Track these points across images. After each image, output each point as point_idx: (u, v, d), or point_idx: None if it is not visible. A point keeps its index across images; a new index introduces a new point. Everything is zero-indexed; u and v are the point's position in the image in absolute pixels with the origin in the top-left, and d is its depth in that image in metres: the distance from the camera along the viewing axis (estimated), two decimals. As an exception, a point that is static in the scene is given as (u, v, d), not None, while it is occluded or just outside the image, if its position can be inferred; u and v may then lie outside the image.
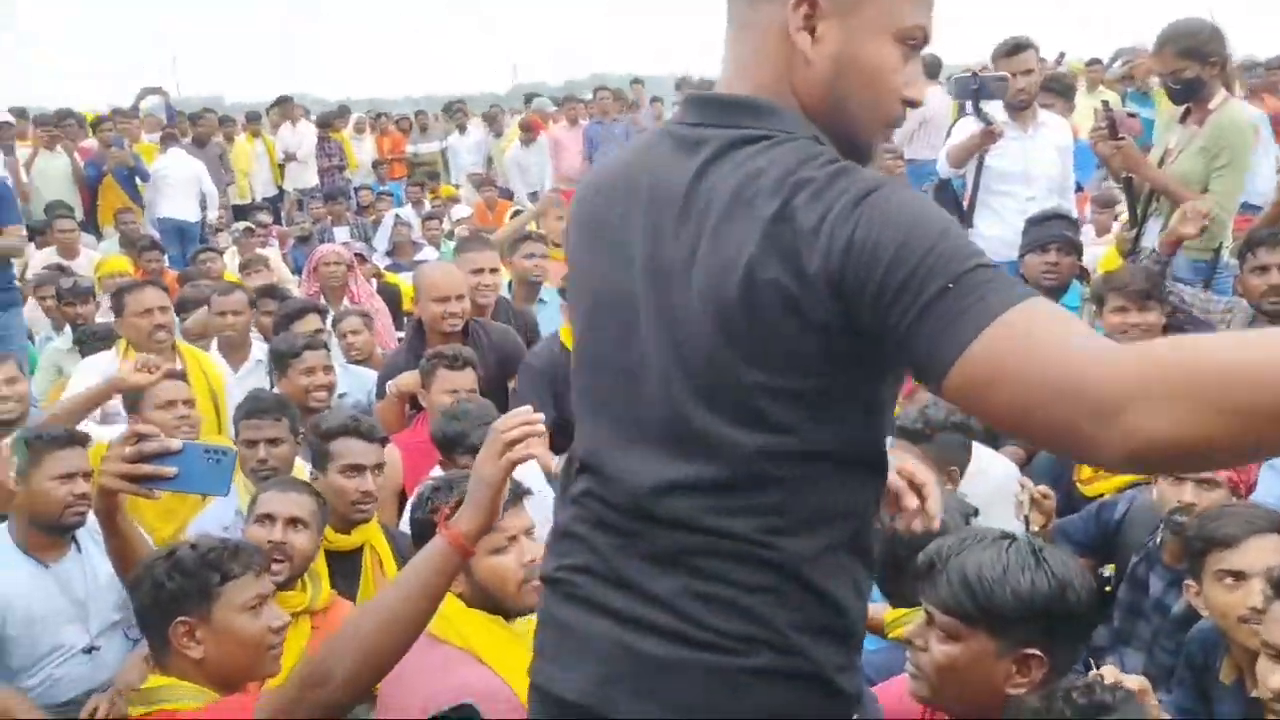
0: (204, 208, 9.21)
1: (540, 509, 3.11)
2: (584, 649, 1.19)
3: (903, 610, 1.99)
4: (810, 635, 1.14)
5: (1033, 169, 4.38)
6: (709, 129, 1.17)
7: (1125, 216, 4.53)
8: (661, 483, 1.15)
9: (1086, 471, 3.00)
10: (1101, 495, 2.87)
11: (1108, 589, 2.58)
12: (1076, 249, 3.88)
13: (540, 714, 1.27)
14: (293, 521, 2.45)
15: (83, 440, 2.73)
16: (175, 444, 1.78)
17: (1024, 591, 1.50)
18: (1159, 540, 2.49)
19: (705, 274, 1.11)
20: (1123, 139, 3.85)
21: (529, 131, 10.38)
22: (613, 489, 1.20)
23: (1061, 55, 12.69)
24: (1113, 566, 2.64)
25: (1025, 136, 4.40)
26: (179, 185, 8.90)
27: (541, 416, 1.55)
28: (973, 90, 4.26)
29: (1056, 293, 3.70)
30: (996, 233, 4.28)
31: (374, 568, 2.86)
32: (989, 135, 4.30)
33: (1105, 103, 4.19)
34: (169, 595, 1.78)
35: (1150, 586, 2.51)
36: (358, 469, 2.75)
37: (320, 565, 2.64)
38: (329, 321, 4.70)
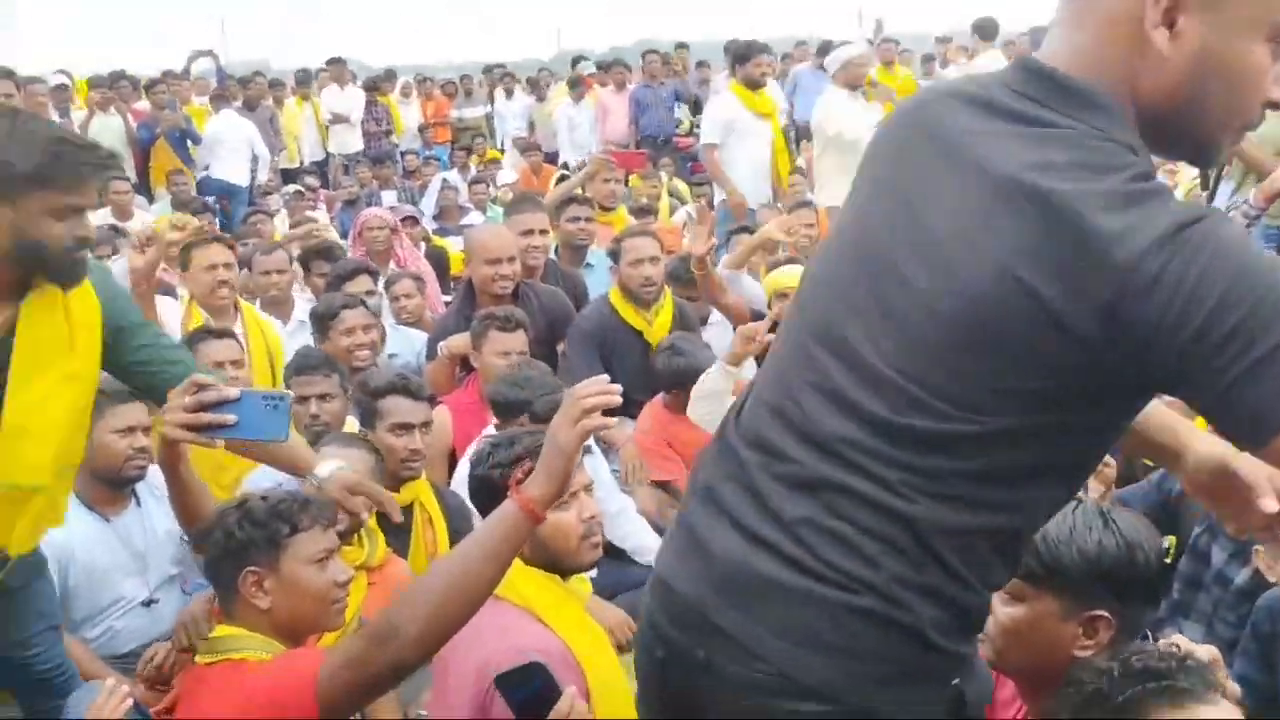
0: (254, 170, 9.30)
1: (590, 467, 3.14)
2: (707, 553, 1.22)
3: None
4: (919, 593, 1.14)
5: None
6: (1032, 104, 1.12)
7: (1183, 179, 4.42)
8: (839, 415, 1.16)
9: None
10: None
11: (1167, 560, 2.54)
12: None
13: (653, 601, 1.31)
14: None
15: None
16: (233, 392, 1.81)
17: (1091, 552, 1.48)
18: None
19: (965, 249, 1.09)
20: None
21: (578, 88, 10.34)
22: (787, 410, 1.20)
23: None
24: (1173, 539, 2.60)
25: None
26: (231, 147, 9.00)
27: (619, 388, 1.54)
28: None
29: None
30: None
31: (423, 525, 2.89)
32: None
33: None
34: (239, 545, 1.80)
35: (1212, 558, 2.47)
36: (406, 427, 2.78)
37: (375, 523, 2.68)
38: (380, 283, 4.73)
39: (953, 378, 1.10)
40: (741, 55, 6.38)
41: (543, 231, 4.27)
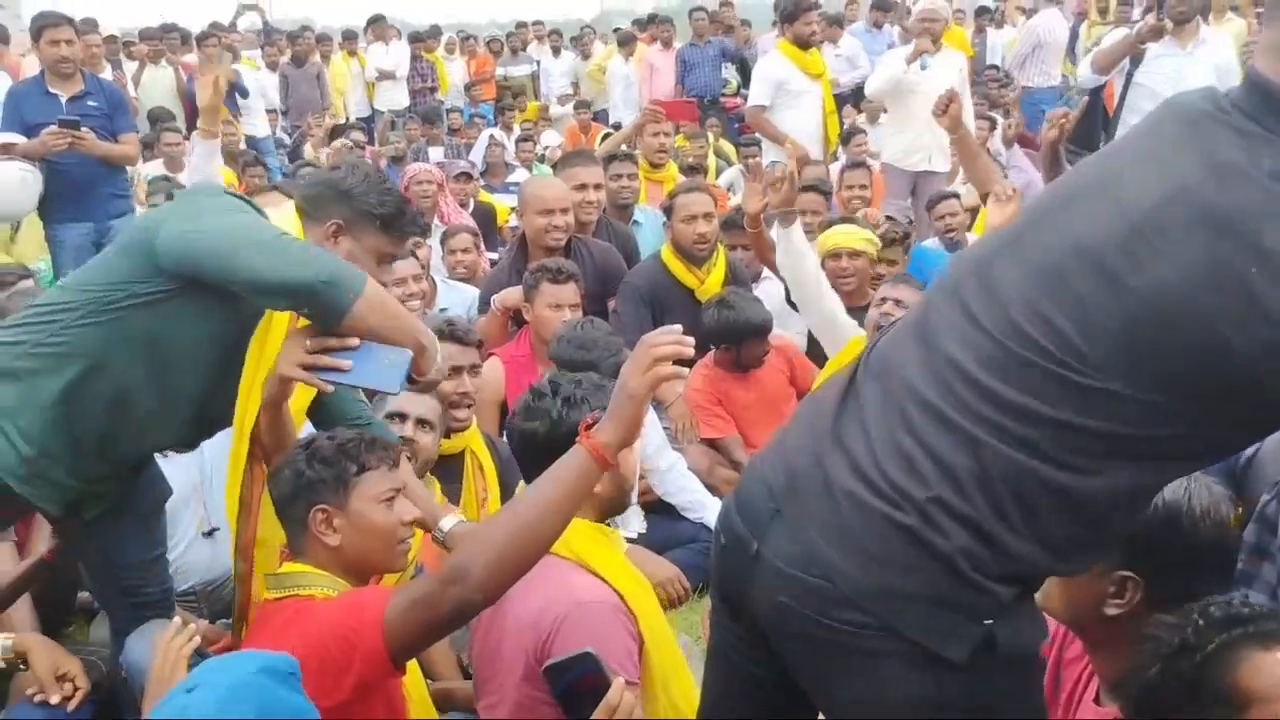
0: (274, 122, 9.34)
1: (644, 428, 3.14)
2: (785, 448, 1.32)
3: None
4: (958, 521, 1.17)
5: (1184, 90, 4.12)
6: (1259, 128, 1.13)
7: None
8: (959, 339, 1.21)
9: None
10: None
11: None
12: None
13: (743, 485, 1.39)
14: (421, 422, 2.57)
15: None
16: (354, 341, 1.83)
17: None
18: None
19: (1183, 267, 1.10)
20: None
21: (628, 44, 10.25)
22: (926, 326, 1.26)
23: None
24: (1239, 509, 2.55)
25: (1182, 54, 4.13)
26: (249, 100, 8.99)
27: (691, 340, 1.55)
28: None
29: None
30: None
31: (474, 472, 2.93)
32: (1155, 31, 4.00)
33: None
34: (308, 483, 1.82)
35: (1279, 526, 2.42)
36: (455, 370, 2.80)
37: (430, 472, 2.70)
38: (437, 238, 4.73)
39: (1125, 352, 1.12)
40: (790, 13, 6.23)
41: (597, 186, 4.25)
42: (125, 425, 2.00)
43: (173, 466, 2.70)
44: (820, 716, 1.45)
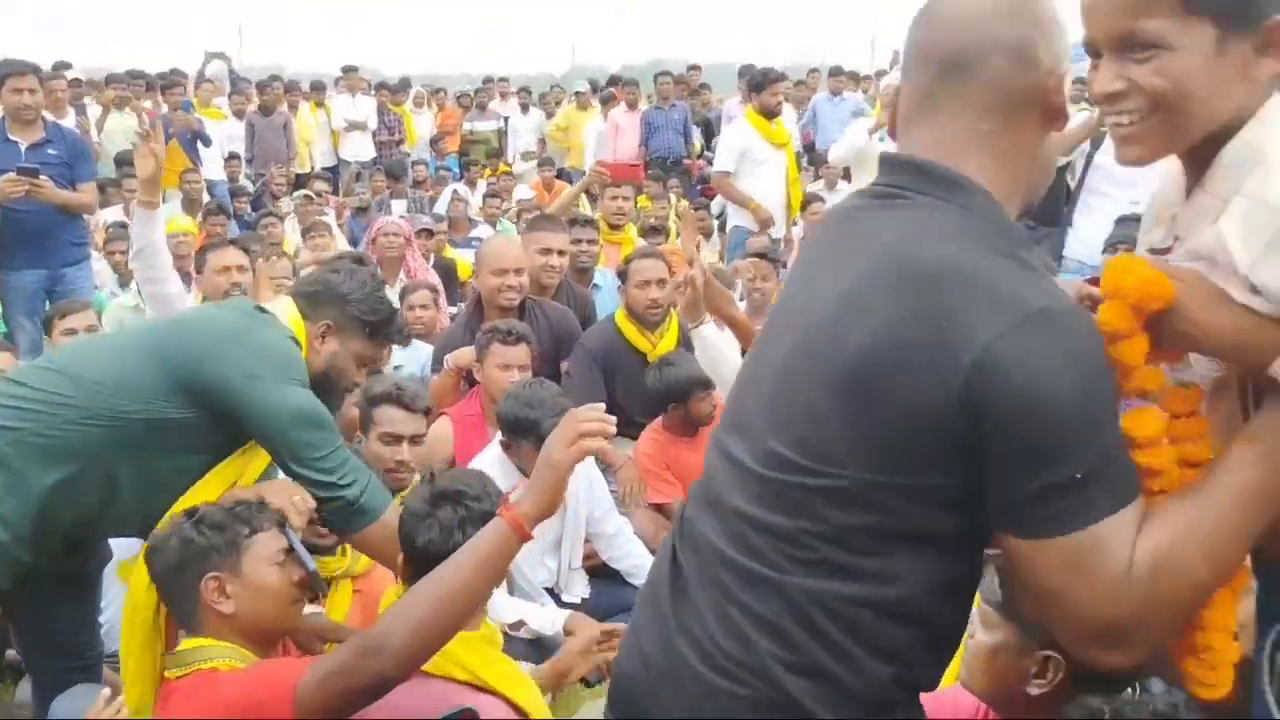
0: (235, 169, 9.35)
1: (585, 481, 3.17)
2: (650, 636, 1.26)
3: None
4: (797, 672, 1.13)
5: (1140, 174, 4.24)
6: None
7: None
8: (736, 486, 1.20)
9: None
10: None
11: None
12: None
13: (616, 676, 1.34)
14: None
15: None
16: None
17: None
18: None
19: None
20: None
21: (590, 106, 10.44)
22: (719, 505, 1.24)
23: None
24: None
25: None
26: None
27: (614, 419, 1.59)
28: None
29: None
30: (1092, 235, 4.19)
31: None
32: (1089, 127, 4.16)
33: None
34: (197, 550, 1.76)
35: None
36: (396, 438, 2.80)
37: None
38: (393, 295, 4.74)
39: (818, 429, 1.12)
40: (757, 83, 6.41)
41: (561, 251, 4.30)
42: (103, 517, 2.02)
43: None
44: None
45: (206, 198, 8.10)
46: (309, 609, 2.09)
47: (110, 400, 1.95)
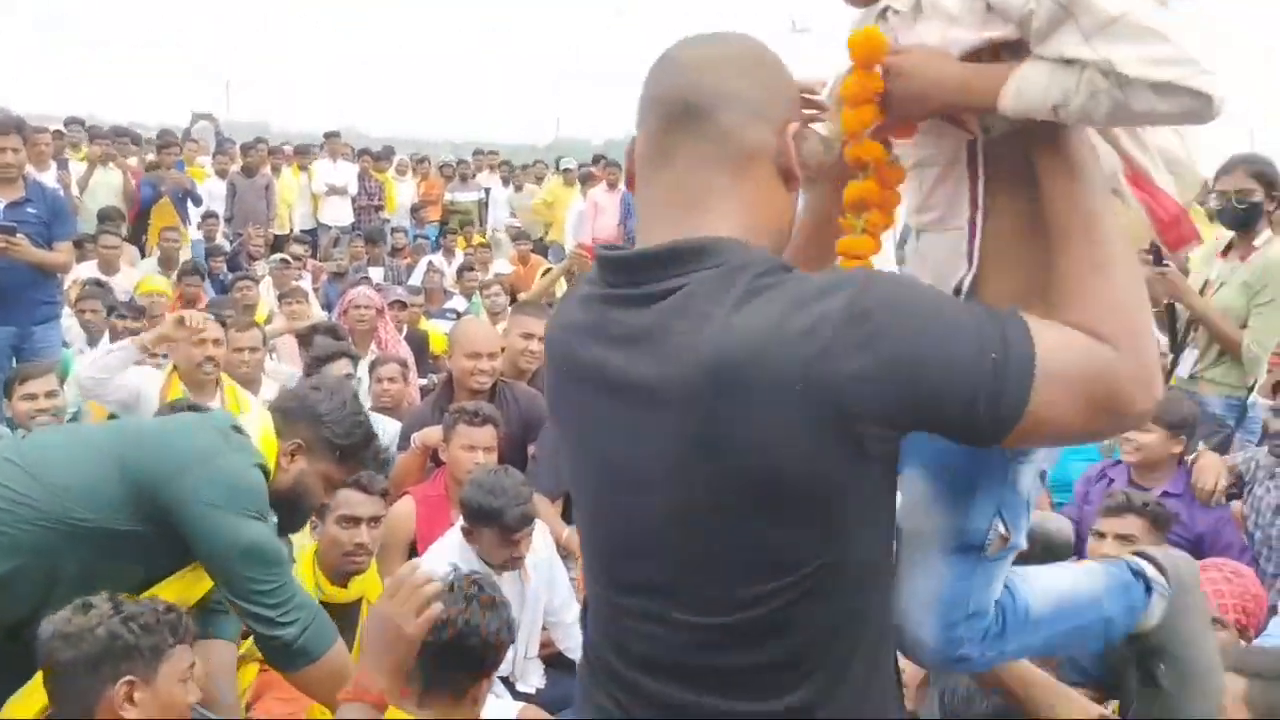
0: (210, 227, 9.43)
1: (545, 571, 3.16)
2: None
3: None
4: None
5: None
6: None
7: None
8: None
9: None
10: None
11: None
12: None
13: None
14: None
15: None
16: None
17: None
18: None
19: None
20: (1167, 265, 3.85)
21: (588, 182, 10.70)
22: None
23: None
24: (1116, 705, 2.64)
25: None
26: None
27: (438, 584, 1.72)
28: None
29: None
30: None
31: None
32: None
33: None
34: (123, 648, 1.70)
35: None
36: (354, 520, 2.79)
37: None
38: (364, 366, 4.75)
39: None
40: None
41: (542, 338, 4.33)
42: (36, 611, 1.98)
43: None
44: None
45: (185, 256, 8.12)
46: None
47: (69, 506, 1.95)
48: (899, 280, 1.06)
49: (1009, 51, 1.09)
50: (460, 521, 3.08)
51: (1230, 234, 3.90)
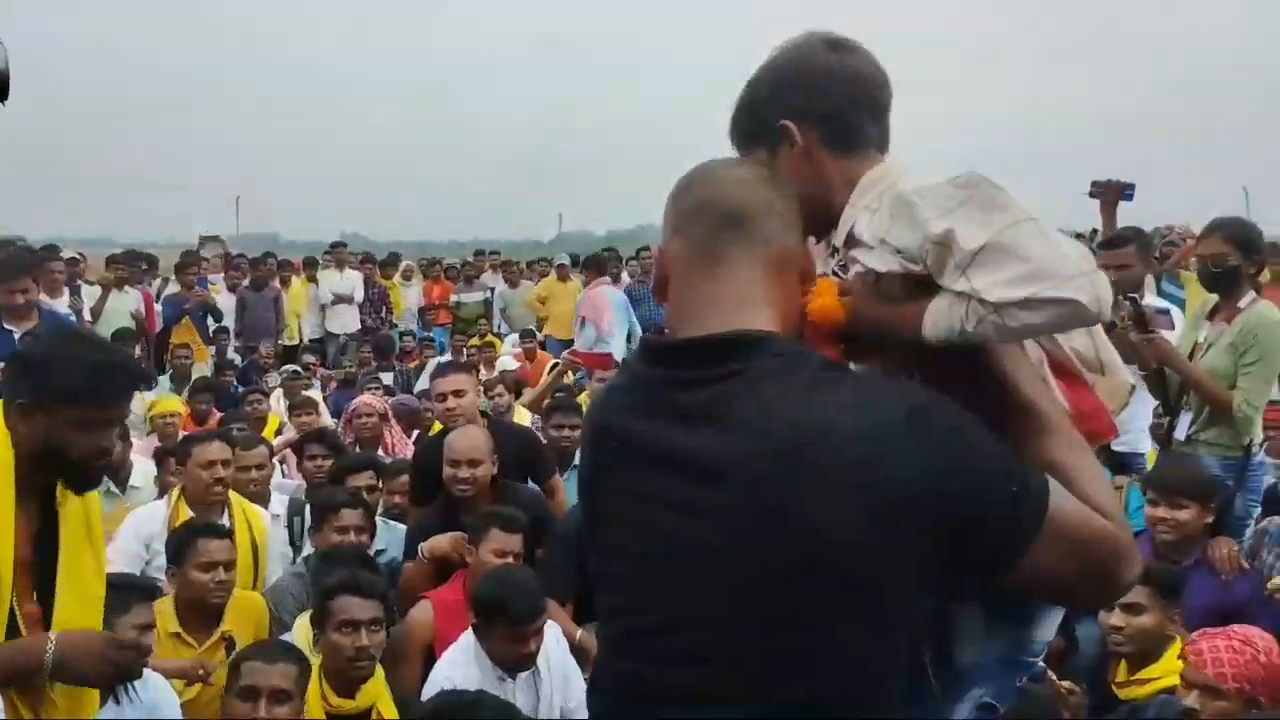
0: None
1: (560, 673, 3.14)
2: None
3: None
4: None
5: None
6: None
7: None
8: None
9: (1122, 674, 2.97)
10: (1135, 699, 2.84)
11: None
12: None
13: None
14: (276, 694, 2.49)
15: (151, 593, 2.87)
16: None
17: None
18: None
19: None
20: (1153, 333, 3.89)
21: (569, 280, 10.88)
22: None
23: (1094, 232, 13.02)
24: None
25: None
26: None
27: None
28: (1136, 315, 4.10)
29: None
30: None
31: (382, 736, 2.85)
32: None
33: (1133, 298, 4.12)
34: None
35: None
36: (354, 625, 2.78)
37: None
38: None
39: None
40: None
41: (456, 393, 4.45)
42: None
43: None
44: None
45: (201, 372, 8.23)
46: None
47: None
48: (954, 404, 1.17)
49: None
50: (471, 624, 3.08)
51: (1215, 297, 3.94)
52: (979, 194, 1.17)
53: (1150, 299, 4.58)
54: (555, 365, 7.59)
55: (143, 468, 5.05)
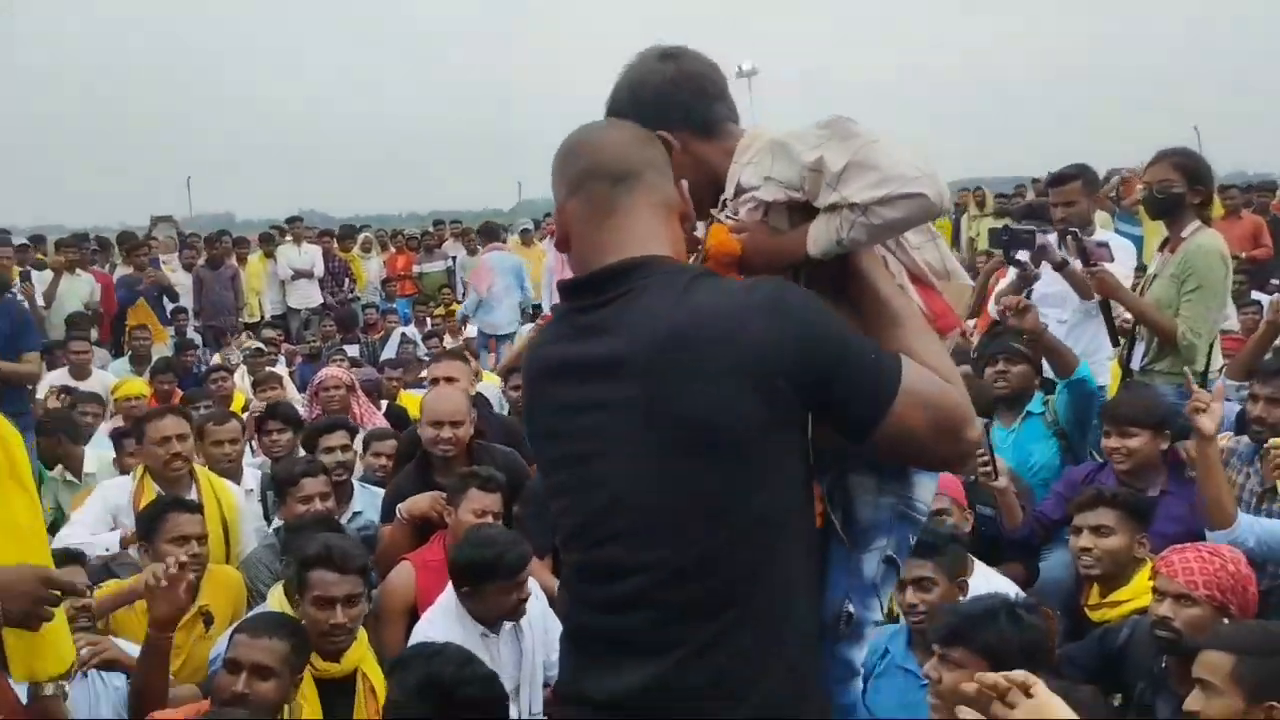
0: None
1: (540, 626, 3.16)
2: None
3: None
4: None
5: (1069, 293, 4.37)
6: None
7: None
8: None
9: (1094, 597, 3.03)
10: (1107, 621, 2.89)
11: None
12: (1026, 358, 4.01)
13: None
14: (258, 669, 2.42)
15: (77, 557, 2.79)
16: None
17: None
18: (1165, 664, 2.52)
19: None
20: (1096, 266, 3.93)
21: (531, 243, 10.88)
22: None
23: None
24: (1120, 696, 2.65)
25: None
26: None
27: None
28: (1004, 241, 4.31)
29: (1011, 400, 4.01)
30: None
31: (366, 694, 2.83)
32: (1024, 280, 4.36)
33: (1074, 232, 4.19)
34: None
35: (1157, 711, 2.52)
36: (329, 601, 2.74)
37: (312, 692, 2.64)
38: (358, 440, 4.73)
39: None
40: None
41: (449, 379, 4.42)
42: None
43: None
44: None
45: (161, 353, 8.12)
46: None
47: None
48: (809, 292, 1.43)
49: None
50: (451, 586, 3.07)
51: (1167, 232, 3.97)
52: (837, 128, 1.44)
53: (1100, 235, 4.63)
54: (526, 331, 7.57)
55: (94, 453, 4.98)
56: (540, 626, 3.19)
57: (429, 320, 9.73)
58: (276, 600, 3.16)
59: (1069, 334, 4.29)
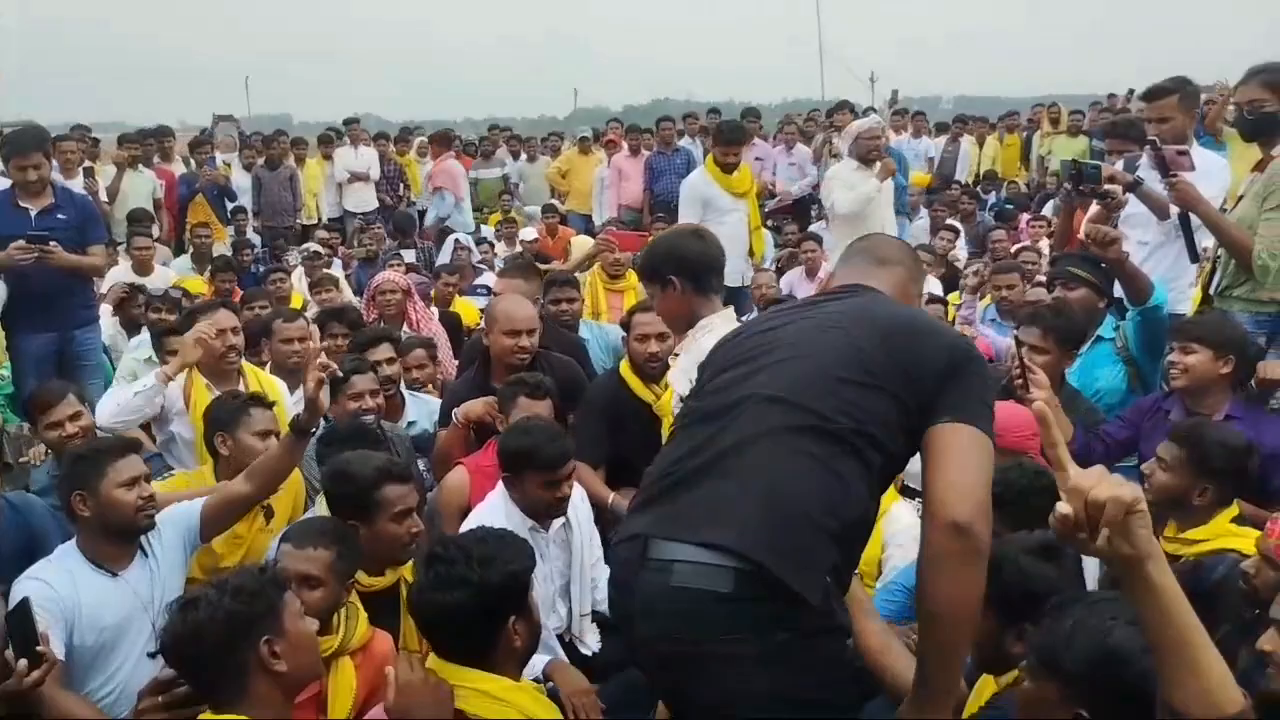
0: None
1: (588, 528, 3.18)
2: None
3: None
4: None
5: (1148, 218, 4.19)
6: None
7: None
8: None
9: (1170, 531, 2.89)
10: (1181, 558, 2.75)
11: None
12: (1088, 283, 3.83)
13: None
14: (305, 579, 2.44)
15: (135, 447, 2.86)
16: None
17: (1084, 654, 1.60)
18: (1256, 612, 2.44)
19: None
20: (1175, 176, 3.73)
21: (588, 152, 10.81)
22: None
23: (1131, 92, 12.59)
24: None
25: (1153, 181, 4.12)
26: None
27: None
28: (1070, 176, 4.12)
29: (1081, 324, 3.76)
30: None
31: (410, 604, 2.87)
32: (1110, 207, 4.04)
33: (1153, 141, 3.93)
34: (244, 619, 1.90)
35: (1239, 661, 2.45)
36: (405, 513, 2.77)
37: (358, 600, 2.65)
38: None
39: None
40: (717, 139, 6.74)
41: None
42: None
43: (122, 591, 2.70)
44: None
45: (220, 251, 8.20)
46: None
47: None
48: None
49: None
50: (503, 477, 3.08)
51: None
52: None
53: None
54: (589, 242, 7.50)
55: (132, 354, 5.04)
56: (588, 527, 3.23)
57: (485, 227, 9.70)
58: (324, 505, 3.19)
59: (1148, 257, 4.14)
